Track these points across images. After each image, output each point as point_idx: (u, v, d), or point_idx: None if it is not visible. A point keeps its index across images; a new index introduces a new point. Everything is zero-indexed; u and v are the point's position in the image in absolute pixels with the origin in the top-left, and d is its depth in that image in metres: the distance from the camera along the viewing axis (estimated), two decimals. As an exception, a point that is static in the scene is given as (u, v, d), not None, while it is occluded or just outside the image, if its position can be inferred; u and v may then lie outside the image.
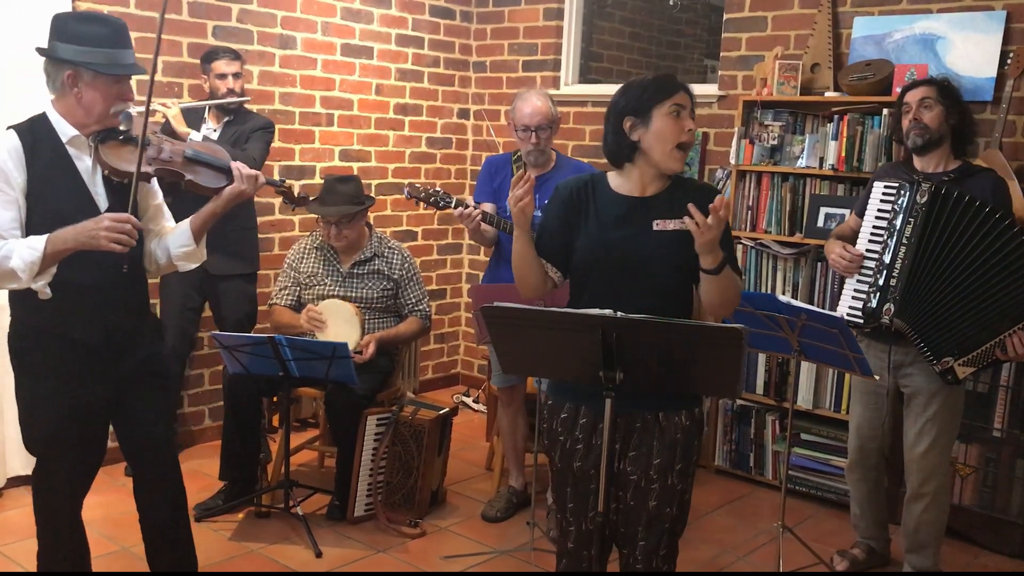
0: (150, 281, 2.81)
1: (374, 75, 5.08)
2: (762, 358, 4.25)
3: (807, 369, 4.09)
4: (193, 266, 2.75)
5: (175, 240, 2.68)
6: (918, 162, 3.18)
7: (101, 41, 2.41)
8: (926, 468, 3.14)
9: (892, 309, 3.05)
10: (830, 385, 4.08)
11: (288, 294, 3.98)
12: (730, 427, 4.34)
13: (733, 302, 2.35)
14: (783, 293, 4.15)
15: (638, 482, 2.30)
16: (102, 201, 2.51)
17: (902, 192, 3.08)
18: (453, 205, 3.51)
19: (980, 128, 3.79)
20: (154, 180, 2.66)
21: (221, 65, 4.02)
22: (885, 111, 3.87)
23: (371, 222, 4.09)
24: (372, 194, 4.99)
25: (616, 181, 2.38)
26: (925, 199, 3.01)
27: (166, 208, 2.78)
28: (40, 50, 2.46)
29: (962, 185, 3.04)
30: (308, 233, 4.15)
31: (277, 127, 4.42)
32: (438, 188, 3.58)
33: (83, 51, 2.39)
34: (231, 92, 4.02)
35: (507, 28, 5.43)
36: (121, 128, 2.54)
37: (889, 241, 3.07)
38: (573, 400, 2.36)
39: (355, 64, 4.97)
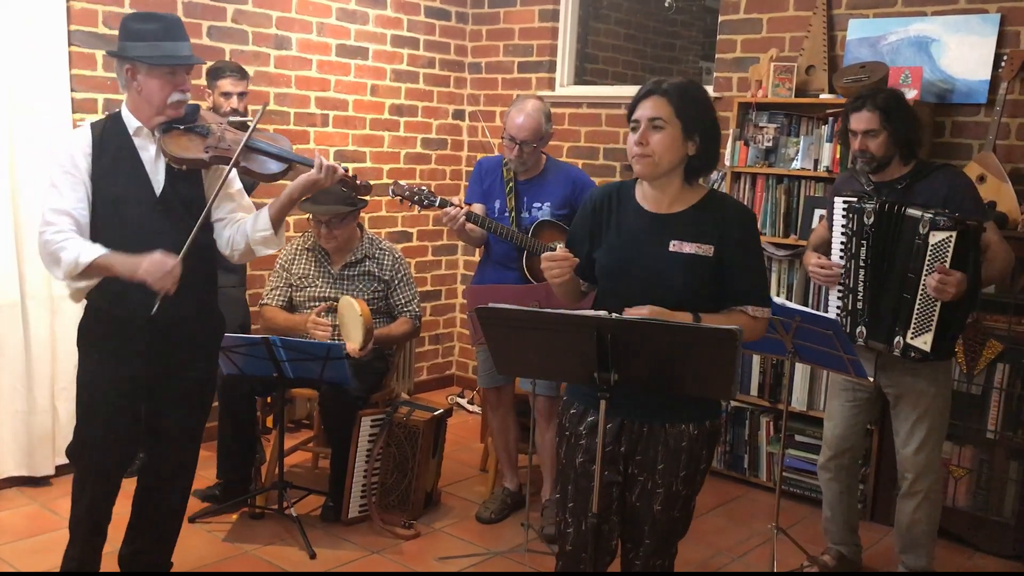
0: None
1: (369, 76, 5.08)
2: (756, 360, 4.26)
3: (801, 371, 4.09)
4: (272, 251, 2.84)
5: (253, 225, 2.78)
6: (872, 174, 3.19)
7: (152, 36, 2.59)
8: (919, 465, 3.15)
9: (864, 332, 3.09)
10: (824, 387, 4.07)
11: (279, 295, 3.98)
12: (724, 429, 4.34)
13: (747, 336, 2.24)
14: (778, 295, 4.15)
15: (644, 484, 2.32)
16: (158, 186, 2.68)
17: (851, 216, 3.09)
18: (438, 204, 3.49)
19: (974, 131, 3.83)
20: (234, 169, 2.73)
21: (227, 84, 3.95)
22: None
23: (363, 223, 4.09)
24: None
25: (640, 192, 2.33)
26: (872, 220, 3.04)
27: (246, 197, 2.91)
28: (109, 52, 2.69)
29: (913, 191, 3.06)
30: (300, 234, 4.14)
31: (272, 128, 4.41)
32: (423, 187, 3.54)
33: (137, 46, 2.58)
34: (234, 111, 3.94)
35: (502, 29, 5.43)
36: (185, 119, 2.70)
37: (850, 264, 3.11)
38: (583, 401, 2.36)
39: (350, 65, 4.97)
